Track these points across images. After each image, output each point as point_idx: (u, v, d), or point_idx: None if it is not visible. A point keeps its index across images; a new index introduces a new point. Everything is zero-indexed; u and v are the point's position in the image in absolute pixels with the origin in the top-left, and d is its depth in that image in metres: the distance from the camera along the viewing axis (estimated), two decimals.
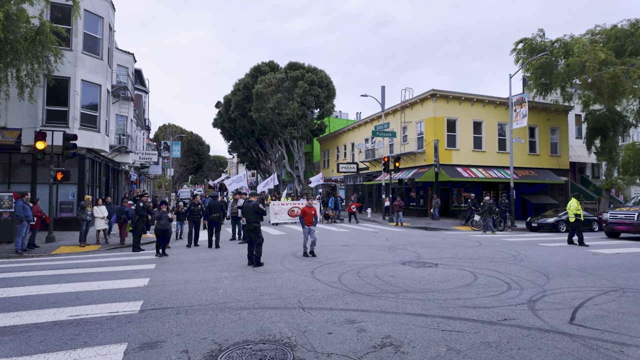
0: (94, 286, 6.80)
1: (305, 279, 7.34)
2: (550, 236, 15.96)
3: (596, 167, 32.20)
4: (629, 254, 10.65)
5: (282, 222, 20.97)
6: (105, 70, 17.77)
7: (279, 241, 13.62)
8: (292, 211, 21.15)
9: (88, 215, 12.89)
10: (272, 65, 41.68)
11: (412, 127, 27.13)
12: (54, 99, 15.86)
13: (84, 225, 12.84)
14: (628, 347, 4.04)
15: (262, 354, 3.90)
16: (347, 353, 3.89)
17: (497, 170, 25.39)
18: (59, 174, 13.20)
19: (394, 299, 5.93)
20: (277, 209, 21.22)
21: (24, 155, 16.02)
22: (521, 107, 20.55)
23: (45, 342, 4.23)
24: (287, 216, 21.15)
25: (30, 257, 10.99)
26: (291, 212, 21.10)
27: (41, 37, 12.81)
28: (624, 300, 5.89)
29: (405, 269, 8.24)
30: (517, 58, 23.75)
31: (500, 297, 6.03)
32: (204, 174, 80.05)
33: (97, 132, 17.22)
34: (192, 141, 62.14)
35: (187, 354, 3.91)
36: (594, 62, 19.84)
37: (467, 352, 3.91)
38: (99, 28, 17.35)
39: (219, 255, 10.68)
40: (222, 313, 5.23)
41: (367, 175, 32.61)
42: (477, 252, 10.91)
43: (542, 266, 8.63)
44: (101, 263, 9.47)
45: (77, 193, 16.81)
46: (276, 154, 45.73)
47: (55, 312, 5.28)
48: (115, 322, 4.86)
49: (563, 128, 28.56)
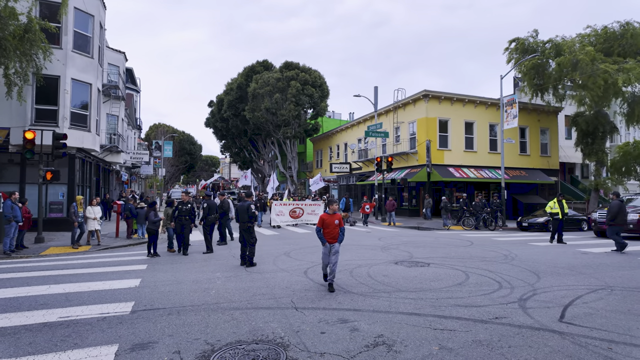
0: (85, 287, 6.72)
1: (298, 279, 7.33)
2: (540, 235, 16.14)
3: (585, 167, 32.67)
4: (616, 252, 10.82)
5: (284, 224, 19.56)
6: (95, 69, 17.58)
7: (272, 241, 13.60)
8: (293, 212, 19.97)
9: (80, 217, 12.46)
10: (266, 65, 41.56)
11: (404, 128, 27.26)
12: (44, 98, 15.63)
13: (76, 227, 12.36)
14: (616, 345, 4.10)
15: (255, 354, 3.89)
16: (340, 352, 3.90)
17: (489, 171, 25.62)
18: (49, 173, 13.01)
19: (386, 298, 5.96)
20: (279, 210, 19.78)
21: (12, 154, 15.77)
22: (512, 108, 20.78)
23: (34, 343, 4.18)
24: (289, 217, 19.79)
25: (19, 258, 10.82)
26: (293, 213, 19.93)
27: (30, 35, 12.61)
28: (612, 298, 5.99)
29: (398, 269, 8.28)
30: (509, 58, 23.97)
31: (492, 295, 6.09)
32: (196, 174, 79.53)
33: (88, 132, 17.02)
34: (184, 141, 61.71)
35: (179, 354, 3.88)
36: (586, 56, 20.06)
37: (459, 350, 3.94)
38: (90, 26, 17.15)
39: (211, 255, 10.62)
40: (214, 313, 5.21)
41: (360, 175, 32.68)
42: (468, 251, 10.99)
43: (532, 265, 8.73)
44: (92, 264, 9.36)
45: (67, 193, 16.60)
46: (269, 154, 45.63)
47: (45, 314, 5.21)
48: (106, 323, 4.81)
49: (553, 129, 28.91)
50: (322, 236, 6.58)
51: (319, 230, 6.61)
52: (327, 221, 6.60)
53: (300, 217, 20.09)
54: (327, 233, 6.57)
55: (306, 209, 20.48)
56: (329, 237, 6.56)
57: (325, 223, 6.61)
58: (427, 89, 25.01)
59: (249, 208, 8.95)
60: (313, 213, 20.33)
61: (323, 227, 6.62)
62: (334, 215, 6.64)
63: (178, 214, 10.94)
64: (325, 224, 6.61)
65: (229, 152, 51.64)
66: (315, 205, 21.01)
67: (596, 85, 19.98)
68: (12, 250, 11.30)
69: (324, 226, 6.62)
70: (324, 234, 6.58)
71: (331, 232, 6.56)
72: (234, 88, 41.54)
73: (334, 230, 6.58)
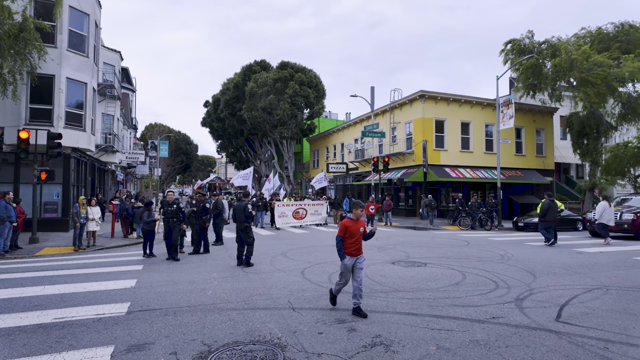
0: (80, 288, 6.66)
1: (295, 279, 7.31)
2: (536, 235, 16.19)
3: (580, 167, 32.87)
4: (612, 252, 10.89)
5: (287, 226, 18.69)
6: (91, 68, 17.46)
7: (269, 241, 13.57)
8: (297, 213, 19.20)
9: (82, 218, 12.17)
10: (264, 65, 41.50)
11: (401, 128, 27.31)
12: (38, 97, 15.50)
13: (78, 229, 12.05)
14: (612, 344, 4.12)
15: (252, 354, 3.87)
16: (338, 353, 3.89)
17: (485, 171, 25.72)
18: (43, 173, 12.91)
19: (383, 298, 5.96)
20: (281, 211, 18.78)
21: (7, 154, 15.61)
22: (508, 108, 20.85)
23: (28, 345, 4.13)
24: (293, 219, 18.98)
25: (13, 258, 10.72)
26: (296, 214, 19.18)
27: (25, 34, 12.50)
28: (607, 297, 6.02)
29: (395, 269, 8.28)
30: (506, 59, 24.08)
31: (489, 295, 6.10)
32: (192, 174, 79.28)
33: (83, 131, 16.90)
34: (180, 140, 61.48)
35: (175, 355, 3.86)
36: (582, 55, 20.17)
37: (456, 350, 3.94)
38: (85, 25, 17.03)
39: (207, 256, 10.57)
40: (211, 314, 5.18)
41: (356, 175, 32.70)
42: (465, 251, 11.02)
43: (528, 265, 8.76)
44: (87, 264, 9.29)
45: (62, 193, 16.49)
46: (265, 154, 45.55)
47: (40, 315, 5.16)
48: (101, 324, 4.77)
49: (548, 129, 29.07)
50: (342, 247, 5.31)
51: (340, 240, 5.33)
52: (352, 229, 5.32)
53: (303, 218, 19.41)
54: (351, 244, 5.29)
55: (309, 209, 19.76)
56: (352, 249, 5.30)
57: (350, 231, 5.31)
58: (424, 90, 25.06)
59: (246, 208, 8.94)
60: (316, 213, 19.80)
61: (345, 236, 5.32)
62: (359, 222, 5.42)
63: (165, 216, 10.18)
64: (348, 233, 5.30)
65: (225, 152, 51.53)
66: (317, 205, 20.42)
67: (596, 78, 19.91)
68: (6, 251, 11.19)
69: (348, 235, 5.30)
70: (346, 245, 5.30)
71: (356, 242, 5.33)
72: (230, 87, 41.45)
73: (359, 240, 5.38)
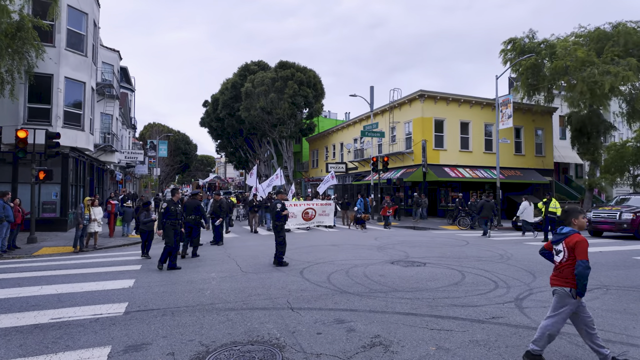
0: (77, 288, 6.63)
1: (294, 279, 7.28)
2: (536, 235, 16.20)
3: (579, 167, 32.88)
4: (611, 252, 10.89)
5: (295, 227, 17.71)
6: (89, 68, 17.41)
7: (268, 241, 13.52)
8: (306, 213, 18.22)
9: (86, 219, 12.01)
10: (261, 65, 41.44)
11: (400, 128, 27.28)
12: (36, 97, 15.45)
13: (80, 230, 11.91)
14: (612, 344, 4.10)
15: (251, 355, 3.84)
16: (337, 353, 3.86)
17: (484, 171, 25.71)
18: (41, 173, 12.86)
19: (383, 298, 5.93)
20: (290, 212, 17.38)
21: (5, 154, 15.56)
22: (507, 108, 20.85)
23: (25, 345, 4.10)
24: (302, 220, 18.15)
25: (11, 258, 10.68)
26: (305, 215, 18.21)
27: (22, 33, 12.45)
28: (607, 297, 6.00)
29: (394, 268, 8.26)
30: (505, 59, 24.05)
31: (488, 295, 6.08)
32: (191, 174, 79.21)
33: (81, 131, 16.85)
34: (179, 140, 61.44)
35: (173, 356, 3.83)
36: (575, 62, 20.24)
37: (456, 350, 3.92)
38: (83, 24, 16.98)
39: (205, 256, 10.54)
40: (209, 314, 5.15)
41: (356, 175, 32.67)
42: (464, 251, 11.00)
43: (528, 264, 8.75)
44: (85, 264, 9.25)
45: (60, 193, 16.44)
46: (265, 154, 45.50)
47: (36, 315, 5.12)
48: (99, 325, 4.74)
49: (547, 129, 29.07)
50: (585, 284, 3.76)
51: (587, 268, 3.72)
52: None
53: (312, 218, 18.53)
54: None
55: (317, 209, 18.92)
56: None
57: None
58: (423, 89, 25.05)
59: (275, 207, 9.26)
60: (324, 214, 19.03)
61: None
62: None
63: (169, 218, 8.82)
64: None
65: (225, 151, 51.46)
66: (325, 205, 19.69)
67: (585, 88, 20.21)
68: (4, 251, 11.15)
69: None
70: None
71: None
72: (229, 87, 41.40)
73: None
